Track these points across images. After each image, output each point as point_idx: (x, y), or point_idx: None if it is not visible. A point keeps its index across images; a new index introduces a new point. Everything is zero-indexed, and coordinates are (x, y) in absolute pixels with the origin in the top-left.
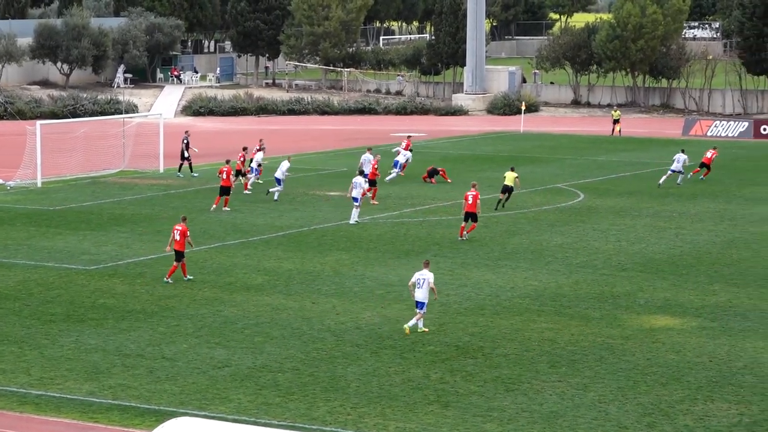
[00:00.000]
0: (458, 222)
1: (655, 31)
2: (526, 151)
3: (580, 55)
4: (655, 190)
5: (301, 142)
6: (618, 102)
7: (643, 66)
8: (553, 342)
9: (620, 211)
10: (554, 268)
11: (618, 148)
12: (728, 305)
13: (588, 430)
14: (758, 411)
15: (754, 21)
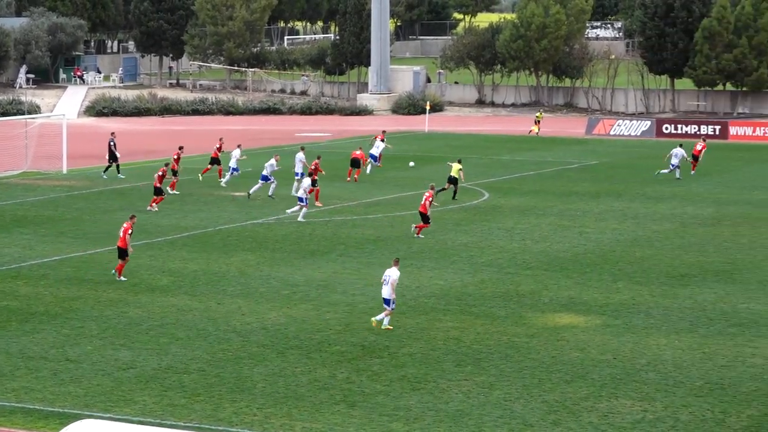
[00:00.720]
0: (364, 222)
1: (558, 31)
2: (431, 150)
3: (484, 54)
4: (559, 188)
5: (206, 142)
6: (522, 101)
7: (547, 66)
8: (458, 341)
9: (524, 210)
10: (459, 267)
11: (522, 148)
12: (631, 303)
13: (494, 428)
14: (661, 408)
15: (656, 21)
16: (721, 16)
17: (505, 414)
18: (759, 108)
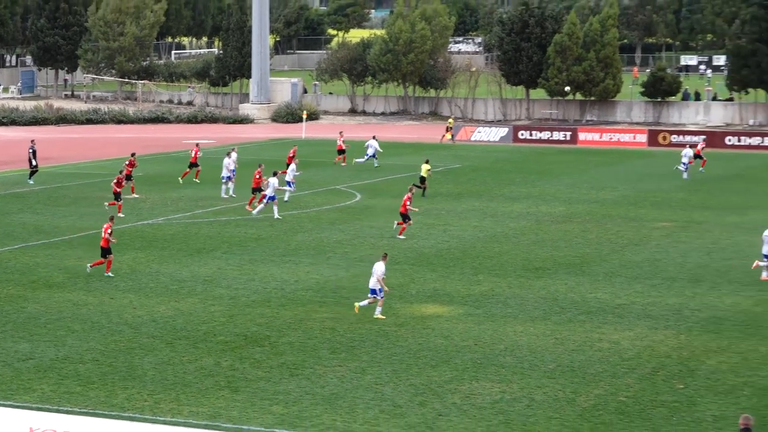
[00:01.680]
0: (246, 222)
1: (424, 46)
2: (308, 156)
3: (356, 67)
4: (430, 189)
5: (100, 149)
6: (391, 110)
7: (414, 77)
8: (333, 330)
9: (394, 210)
10: (334, 263)
11: (392, 153)
12: (491, 293)
13: (366, 410)
14: (518, 389)
15: (512, 36)
16: (572, 32)
17: (376, 396)
18: (605, 115)
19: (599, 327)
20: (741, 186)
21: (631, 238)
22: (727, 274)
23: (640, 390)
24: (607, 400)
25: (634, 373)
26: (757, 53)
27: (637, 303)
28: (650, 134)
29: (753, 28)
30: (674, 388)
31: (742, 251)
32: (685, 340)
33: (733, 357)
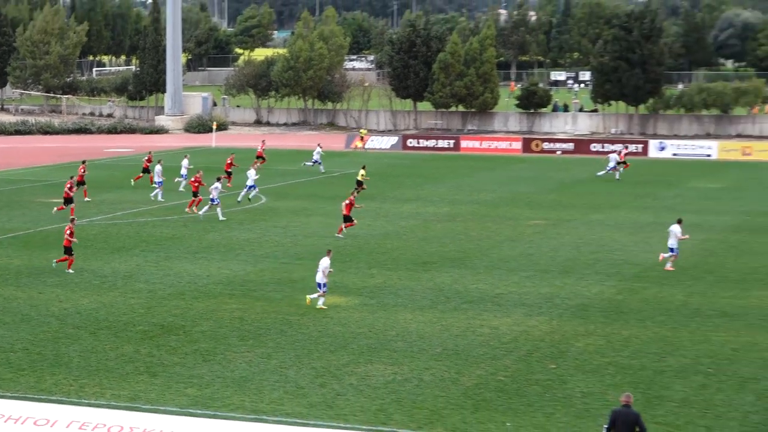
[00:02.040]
0: (162, 222)
1: (322, 63)
2: (218, 163)
3: (261, 82)
4: (325, 193)
5: (28, 158)
6: (293, 121)
7: (313, 91)
8: (241, 319)
9: (296, 211)
10: (242, 259)
11: (294, 159)
12: (383, 285)
13: (271, 391)
14: (408, 370)
15: (401, 55)
16: (454, 51)
17: (281, 379)
18: (484, 125)
19: (480, 314)
20: (604, 188)
21: (507, 235)
22: (593, 266)
23: (517, 370)
24: (487, 379)
25: (511, 355)
26: (618, 70)
27: (513, 292)
28: (524, 142)
29: (614, 48)
30: (547, 368)
31: (606, 245)
32: (557, 325)
33: (599, 339)
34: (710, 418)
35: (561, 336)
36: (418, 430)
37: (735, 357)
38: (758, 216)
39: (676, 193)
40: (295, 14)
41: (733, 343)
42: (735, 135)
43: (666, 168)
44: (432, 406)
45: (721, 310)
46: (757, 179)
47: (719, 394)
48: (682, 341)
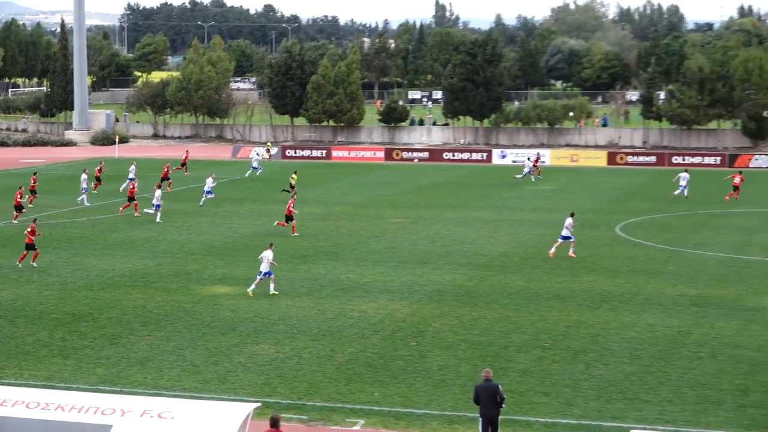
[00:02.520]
0: (72, 224)
1: (210, 84)
2: (120, 171)
3: (157, 101)
4: (216, 196)
5: None
6: (186, 135)
7: (203, 108)
8: (143, 307)
9: (190, 213)
10: (143, 255)
11: (189, 168)
12: None
13: (170, 369)
14: (289, 349)
15: (279, 77)
16: (325, 73)
17: (178, 358)
18: (352, 137)
19: (351, 300)
20: (455, 190)
21: (373, 232)
22: (447, 257)
23: (383, 347)
24: (357, 356)
25: (378, 334)
26: (465, 89)
27: (379, 281)
28: (386, 151)
29: (461, 71)
30: (408, 345)
31: (458, 240)
32: (416, 308)
33: (452, 320)
34: (547, 385)
35: (420, 318)
36: (299, 400)
37: (567, 333)
38: (584, 213)
39: (516, 194)
40: (186, 42)
41: (565, 321)
42: (564, 144)
43: (507, 173)
44: (310, 380)
45: (555, 294)
46: (582, 182)
47: (554, 365)
48: (523, 320)
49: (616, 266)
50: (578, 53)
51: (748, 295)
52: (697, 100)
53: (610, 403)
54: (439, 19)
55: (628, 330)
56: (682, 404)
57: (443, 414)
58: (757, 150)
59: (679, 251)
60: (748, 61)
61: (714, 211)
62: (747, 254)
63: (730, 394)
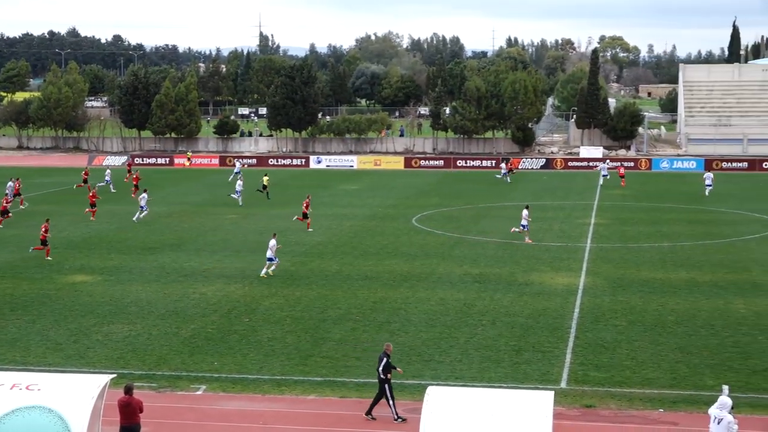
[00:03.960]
0: None
1: (68, 103)
2: None
3: (21, 117)
4: (75, 199)
5: None
6: (48, 146)
7: (62, 123)
8: (12, 295)
9: (50, 213)
10: (11, 250)
11: (53, 173)
12: (120, 265)
13: (36, 347)
14: (140, 328)
15: (128, 96)
16: (167, 93)
17: (44, 338)
18: (192, 147)
19: (193, 284)
20: (279, 190)
21: (211, 226)
22: None
23: (221, 324)
24: (199, 331)
25: (216, 313)
26: (285, 106)
27: (217, 267)
28: (221, 158)
29: (282, 91)
30: (242, 321)
31: (282, 232)
32: (248, 290)
33: (279, 299)
34: (359, 351)
35: (252, 298)
36: (149, 371)
37: (374, 307)
38: (386, 208)
39: (329, 193)
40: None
41: (372, 297)
42: (369, 151)
43: (322, 175)
44: (159, 353)
45: (363, 275)
46: (384, 182)
47: (365, 334)
48: (338, 298)
49: (413, 251)
50: (379, 76)
51: (519, 273)
52: (475, 115)
53: (411, 365)
54: (263, 48)
55: (424, 303)
56: (469, 363)
57: (273, 378)
58: (524, 154)
59: (463, 238)
60: (516, 83)
61: (490, 205)
62: (517, 239)
63: (507, 354)
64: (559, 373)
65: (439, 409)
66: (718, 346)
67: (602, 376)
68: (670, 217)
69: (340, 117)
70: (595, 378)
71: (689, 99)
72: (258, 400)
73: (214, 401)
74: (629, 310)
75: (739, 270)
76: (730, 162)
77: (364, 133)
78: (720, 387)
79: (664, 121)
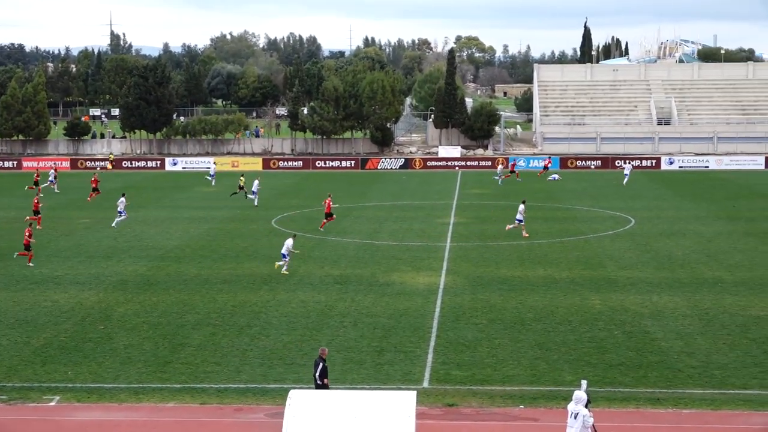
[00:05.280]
0: None
1: None
2: None
3: None
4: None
5: None
6: None
7: None
8: None
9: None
10: None
11: None
12: None
13: None
14: None
15: None
16: (13, 94)
17: None
18: (41, 150)
19: (44, 292)
20: (135, 193)
21: (63, 231)
22: (129, 251)
23: (75, 332)
24: (52, 340)
25: (69, 320)
26: (139, 107)
27: (69, 274)
28: (72, 161)
29: (136, 91)
30: (98, 329)
31: (138, 236)
32: (103, 296)
33: (135, 305)
34: (219, 356)
35: (107, 304)
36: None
37: (234, 311)
38: (245, 210)
39: (186, 195)
40: None
41: (232, 301)
42: (226, 153)
43: (179, 178)
44: (9, 364)
45: (223, 279)
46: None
47: (224, 339)
48: (196, 302)
49: (274, 254)
50: (235, 76)
51: (380, 273)
52: (333, 115)
53: (273, 369)
54: (114, 47)
55: (284, 306)
56: (331, 366)
57: (130, 386)
58: (383, 155)
59: (324, 239)
60: (373, 83)
61: (351, 205)
62: (378, 239)
63: (369, 355)
64: (421, 372)
65: (301, 413)
66: (576, 341)
67: (464, 374)
68: (527, 215)
69: (195, 118)
70: (457, 377)
71: (544, 98)
72: (115, 410)
73: (68, 412)
74: (489, 309)
75: (594, 266)
76: (584, 160)
77: (220, 134)
78: (579, 382)
79: (520, 121)
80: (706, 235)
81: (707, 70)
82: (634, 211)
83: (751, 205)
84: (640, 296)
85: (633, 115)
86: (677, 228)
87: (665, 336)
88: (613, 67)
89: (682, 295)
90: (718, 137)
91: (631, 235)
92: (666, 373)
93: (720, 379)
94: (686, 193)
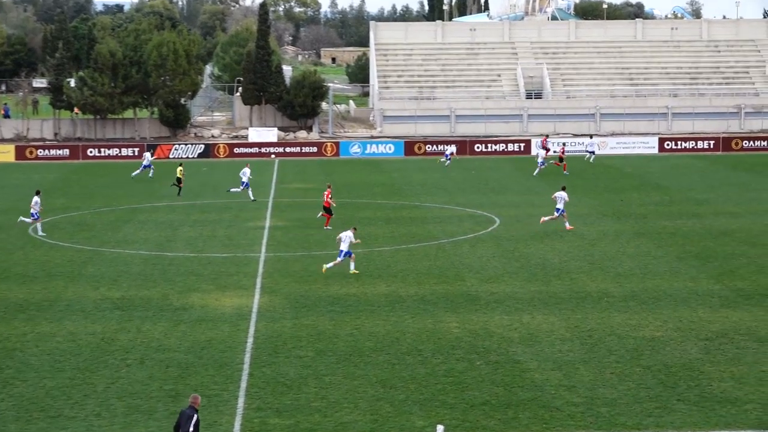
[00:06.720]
0: None
1: None
2: None
3: None
4: None
5: None
6: None
7: None
8: None
9: None
10: None
11: None
12: None
13: None
14: None
15: None
16: None
17: None
18: None
19: None
20: None
21: None
22: None
23: None
24: None
25: None
26: None
27: None
28: None
29: None
30: None
31: None
32: None
33: None
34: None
35: None
36: None
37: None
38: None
39: None
40: None
41: None
42: None
43: None
44: None
45: None
46: None
47: None
48: None
49: (31, 272)
50: None
51: (174, 294)
52: (110, 88)
53: (32, 423)
54: None
55: (47, 341)
56: (110, 417)
57: None
58: (177, 140)
59: (99, 251)
60: (162, 46)
61: (135, 206)
62: (171, 250)
63: (161, 401)
64: (229, 422)
65: None
66: (428, 376)
67: (285, 423)
68: (364, 216)
69: None
70: (277, 426)
71: (383, 66)
72: None
73: None
74: (317, 337)
75: (450, 279)
76: (435, 145)
77: None
78: (434, 428)
79: (354, 95)
80: (588, 237)
81: (586, 29)
82: (499, 209)
83: (642, 199)
84: (507, 316)
85: (496, 86)
86: (552, 229)
87: (539, 366)
88: (470, 26)
89: (560, 314)
90: (601, 114)
91: (495, 239)
92: (541, 412)
93: (608, 418)
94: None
